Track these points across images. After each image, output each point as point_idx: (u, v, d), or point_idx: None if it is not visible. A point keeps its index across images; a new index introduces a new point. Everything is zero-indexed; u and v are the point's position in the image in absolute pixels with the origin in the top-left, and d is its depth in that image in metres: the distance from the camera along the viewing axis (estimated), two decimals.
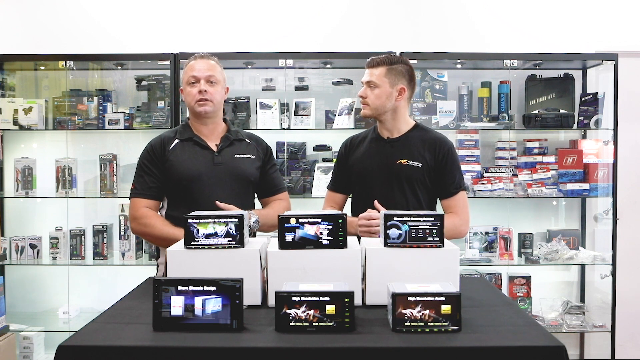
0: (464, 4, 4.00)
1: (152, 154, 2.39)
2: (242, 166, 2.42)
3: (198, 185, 2.33)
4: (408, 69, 2.42)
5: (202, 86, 2.35)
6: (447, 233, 1.86)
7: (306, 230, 1.77)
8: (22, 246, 3.74)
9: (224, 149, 2.41)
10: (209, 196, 2.29)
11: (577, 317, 3.75)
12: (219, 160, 2.38)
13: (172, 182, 2.36)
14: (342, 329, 1.51)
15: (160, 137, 2.44)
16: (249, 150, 2.47)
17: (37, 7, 3.95)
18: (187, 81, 2.38)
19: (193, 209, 2.00)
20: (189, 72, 2.38)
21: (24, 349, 3.65)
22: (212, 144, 2.41)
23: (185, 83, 2.39)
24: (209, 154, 2.39)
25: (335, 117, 3.71)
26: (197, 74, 2.36)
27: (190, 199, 2.30)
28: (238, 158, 2.43)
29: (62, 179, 3.74)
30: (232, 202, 2.28)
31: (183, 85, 2.42)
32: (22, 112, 3.70)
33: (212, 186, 2.33)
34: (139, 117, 3.69)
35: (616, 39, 3.94)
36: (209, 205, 2.21)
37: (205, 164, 2.36)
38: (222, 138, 2.44)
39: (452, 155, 2.43)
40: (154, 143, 2.42)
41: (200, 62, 2.39)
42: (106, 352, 1.45)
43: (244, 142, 2.49)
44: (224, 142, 2.43)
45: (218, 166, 2.37)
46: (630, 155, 3.91)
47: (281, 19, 3.95)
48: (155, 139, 2.44)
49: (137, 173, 2.41)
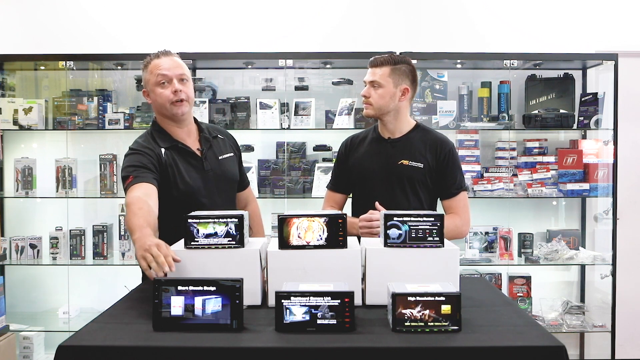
0: (464, 3, 4.00)
1: (148, 155, 2.14)
2: (228, 168, 2.33)
3: (197, 196, 2.19)
4: (411, 69, 2.41)
5: (177, 85, 2.17)
6: (448, 233, 1.86)
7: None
8: (22, 246, 3.74)
9: (207, 152, 2.28)
10: (207, 205, 2.17)
11: (577, 317, 3.75)
12: (208, 166, 2.25)
13: (169, 195, 2.14)
14: (342, 329, 1.51)
15: (146, 143, 2.19)
16: (227, 149, 2.37)
17: (37, 7, 3.95)
18: (156, 82, 2.17)
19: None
20: (155, 71, 2.18)
21: (24, 349, 3.66)
22: (195, 149, 2.26)
23: (154, 84, 2.18)
24: (197, 161, 2.24)
25: (335, 117, 3.71)
26: (167, 73, 2.17)
27: (189, 210, 2.02)
28: (222, 160, 2.31)
29: (62, 179, 3.74)
30: (226, 205, 2.22)
31: (149, 86, 2.21)
32: (22, 112, 3.70)
33: (209, 194, 2.23)
34: (139, 117, 3.69)
35: (616, 39, 3.94)
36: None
37: (198, 172, 2.22)
38: (201, 140, 2.29)
39: (454, 155, 2.43)
40: (148, 148, 2.16)
41: (166, 59, 2.20)
42: (106, 352, 1.45)
43: (218, 138, 2.36)
44: (204, 144, 2.28)
45: (208, 172, 2.25)
46: (630, 155, 3.91)
47: (281, 19, 3.95)
48: (141, 144, 2.19)
49: (127, 168, 2.11)
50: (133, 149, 2.21)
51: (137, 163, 2.12)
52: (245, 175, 2.53)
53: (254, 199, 2.60)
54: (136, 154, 2.16)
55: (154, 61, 2.21)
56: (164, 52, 2.24)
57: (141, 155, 2.15)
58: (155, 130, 2.26)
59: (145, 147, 2.19)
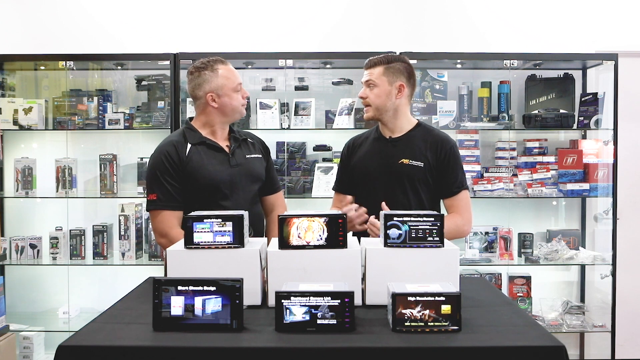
0: (464, 3, 4.00)
1: (170, 161, 2.30)
2: (254, 166, 2.45)
3: (221, 189, 2.32)
4: (406, 66, 2.42)
5: (245, 92, 2.42)
6: (450, 233, 1.86)
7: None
8: (22, 246, 3.74)
9: (236, 150, 2.42)
10: (232, 199, 2.30)
11: (577, 317, 3.75)
12: (234, 162, 2.38)
13: (193, 188, 2.31)
14: (342, 329, 1.51)
15: (171, 143, 2.35)
16: (255, 150, 2.50)
17: (37, 6, 3.95)
18: (235, 88, 2.37)
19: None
20: (233, 79, 2.37)
21: (24, 349, 3.65)
22: (224, 146, 2.41)
23: (231, 89, 2.36)
24: (224, 156, 2.38)
25: (335, 117, 3.71)
26: (240, 80, 2.40)
27: (213, 204, 2.25)
28: (250, 159, 2.45)
29: (62, 179, 3.74)
30: (249, 203, 2.32)
31: (226, 91, 2.36)
32: (22, 112, 3.70)
33: (233, 189, 2.34)
34: (139, 117, 3.69)
35: (616, 39, 3.94)
36: (230, 207, 2.20)
37: (223, 166, 2.36)
38: (231, 139, 2.44)
39: (455, 154, 2.43)
40: (168, 150, 2.32)
41: (232, 66, 2.42)
42: (106, 352, 1.45)
43: (248, 141, 2.50)
44: (233, 143, 2.43)
45: (234, 168, 2.37)
46: (630, 155, 3.91)
47: (281, 19, 3.95)
48: (166, 146, 2.35)
49: (154, 182, 2.31)
50: (155, 156, 2.36)
51: (163, 182, 2.30)
52: (276, 180, 2.60)
53: (282, 205, 2.59)
54: (157, 167, 2.32)
55: (224, 66, 2.39)
56: (222, 58, 2.42)
57: (162, 165, 2.31)
58: (188, 129, 2.42)
59: (166, 152, 2.32)
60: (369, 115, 2.43)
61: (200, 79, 2.36)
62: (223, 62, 2.39)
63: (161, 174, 2.30)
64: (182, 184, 2.31)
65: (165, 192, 2.30)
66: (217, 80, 2.35)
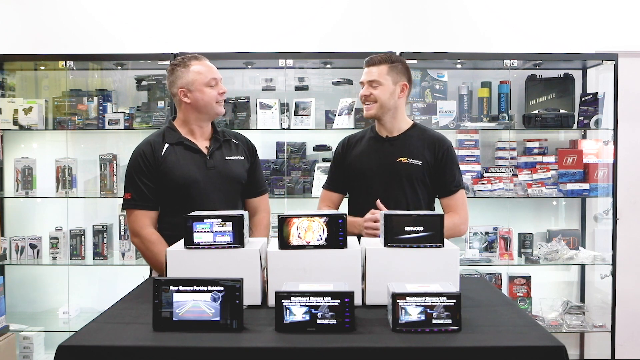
0: (464, 3, 4.00)
1: (145, 161, 2.31)
2: (233, 169, 2.40)
3: (193, 190, 2.30)
4: (407, 67, 2.46)
5: (222, 88, 2.37)
6: (447, 232, 1.86)
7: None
8: (22, 246, 3.74)
9: (215, 151, 2.38)
10: (203, 200, 2.27)
11: (577, 317, 3.75)
12: (211, 163, 2.35)
13: (167, 188, 2.31)
14: (342, 329, 1.51)
15: (148, 142, 2.36)
16: (237, 152, 2.46)
17: (37, 6, 3.95)
18: (208, 83, 2.33)
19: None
20: (205, 74, 2.34)
21: (24, 349, 3.66)
22: (203, 147, 2.38)
23: (202, 84, 2.33)
24: (201, 157, 2.35)
25: (335, 117, 3.71)
26: (216, 76, 2.36)
27: (186, 204, 2.21)
28: (229, 160, 2.40)
29: (62, 179, 3.74)
30: (225, 205, 2.27)
31: (197, 85, 2.33)
32: (22, 112, 3.70)
33: (207, 190, 2.32)
34: (139, 117, 3.69)
35: (616, 39, 3.94)
36: (203, 209, 2.16)
37: (198, 168, 2.33)
38: (211, 140, 2.41)
39: (451, 153, 2.45)
40: (144, 149, 2.34)
41: (208, 62, 2.38)
42: (106, 352, 1.45)
43: (232, 142, 2.46)
44: (213, 144, 2.40)
45: (211, 170, 2.35)
46: (630, 155, 3.91)
47: (281, 19, 3.95)
48: (143, 146, 2.36)
49: (129, 181, 2.33)
50: (132, 155, 2.37)
51: (137, 182, 2.31)
52: (262, 183, 2.56)
53: (265, 209, 2.56)
54: (133, 166, 2.34)
55: (198, 62, 2.35)
56: (199, 55, 2.39)
57: (138, 165, 2.33)
58: (169, 128, 2.41)
59: (142, 151, 2.34)
60: (372, 113, 2.43)
61: (173, 75, 2.37)
62: (197, 59, 2.37)
63: (136, 173, 2.32)
64: (157, 183, 2.31)
65: (139, 192, 2.30)
66: (188, 76, 2.34)
